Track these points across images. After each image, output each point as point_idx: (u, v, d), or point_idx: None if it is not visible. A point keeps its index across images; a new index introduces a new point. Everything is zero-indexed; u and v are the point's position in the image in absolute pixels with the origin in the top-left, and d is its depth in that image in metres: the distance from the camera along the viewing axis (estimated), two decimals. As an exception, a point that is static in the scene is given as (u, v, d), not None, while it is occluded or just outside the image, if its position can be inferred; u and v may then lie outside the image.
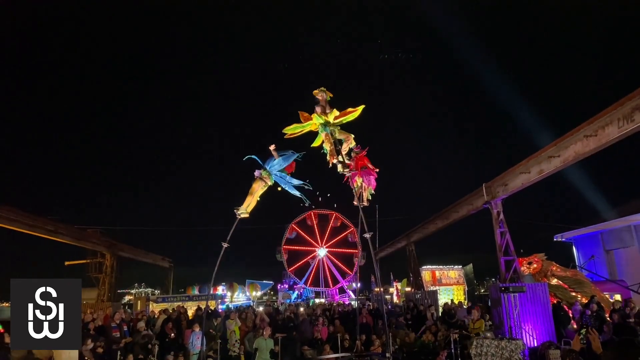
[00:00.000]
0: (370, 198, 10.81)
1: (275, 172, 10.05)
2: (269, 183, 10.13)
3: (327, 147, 9.59)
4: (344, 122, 9.48)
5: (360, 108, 9.29)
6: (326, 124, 9.34)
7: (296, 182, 10.27)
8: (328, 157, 9.69)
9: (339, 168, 9.79)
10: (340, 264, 40.45)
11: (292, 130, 9.58)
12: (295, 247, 39.74)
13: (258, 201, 10.41)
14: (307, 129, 9.62)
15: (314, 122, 9.42)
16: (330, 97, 9.37)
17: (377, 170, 10.61)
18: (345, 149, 9.82)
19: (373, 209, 11.90)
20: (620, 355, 3.23)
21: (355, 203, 10.77)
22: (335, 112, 9.30)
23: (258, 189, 10.14)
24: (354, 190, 10.93)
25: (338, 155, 9.71)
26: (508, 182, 15.13)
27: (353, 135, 9.67)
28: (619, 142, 10.97)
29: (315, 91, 9.32)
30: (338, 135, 9.61)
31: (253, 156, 10.15)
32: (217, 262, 10.48)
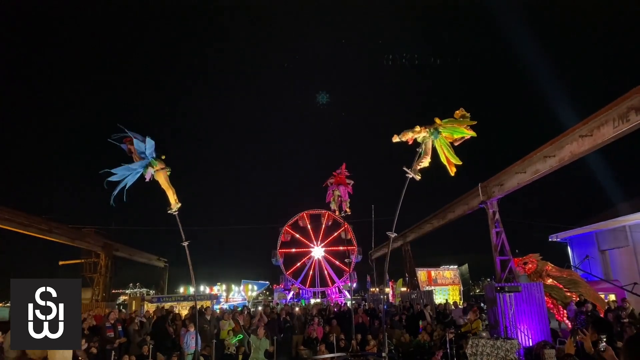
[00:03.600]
0: (349, 206, 12.94)
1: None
2: (166, 166, 9.56)
3: (419, 138, 9.48)
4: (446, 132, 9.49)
5: (456, 164, 9.55)
6: (434, 134, 9.34)
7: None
8: (401, 136, 9.45)
9: (413, 175, 9.73)
10: (336, 263, 40.51)
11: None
12: (291, 250, 39.76)
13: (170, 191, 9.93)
14: (417, 135, 9.44)
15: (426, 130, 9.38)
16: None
17: (352, 183, 13.04)
18: (418, 163, 9.66)
19: (370, 208, 12.27)
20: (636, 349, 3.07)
21: (336, 215, 12.89)
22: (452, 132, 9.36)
23: (166, 179, 9.66)
24: (331, 203, 13.08)
25: (417, 161, 9.64)
26: (504, 182, 15.18)
27: (430, 160, 9.63)
28: (616, 142, 11.04)
29: (457, 112, 9.37)
30: (427, 147, 9.50)
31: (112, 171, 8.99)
32: (215, 261, 10.48)
